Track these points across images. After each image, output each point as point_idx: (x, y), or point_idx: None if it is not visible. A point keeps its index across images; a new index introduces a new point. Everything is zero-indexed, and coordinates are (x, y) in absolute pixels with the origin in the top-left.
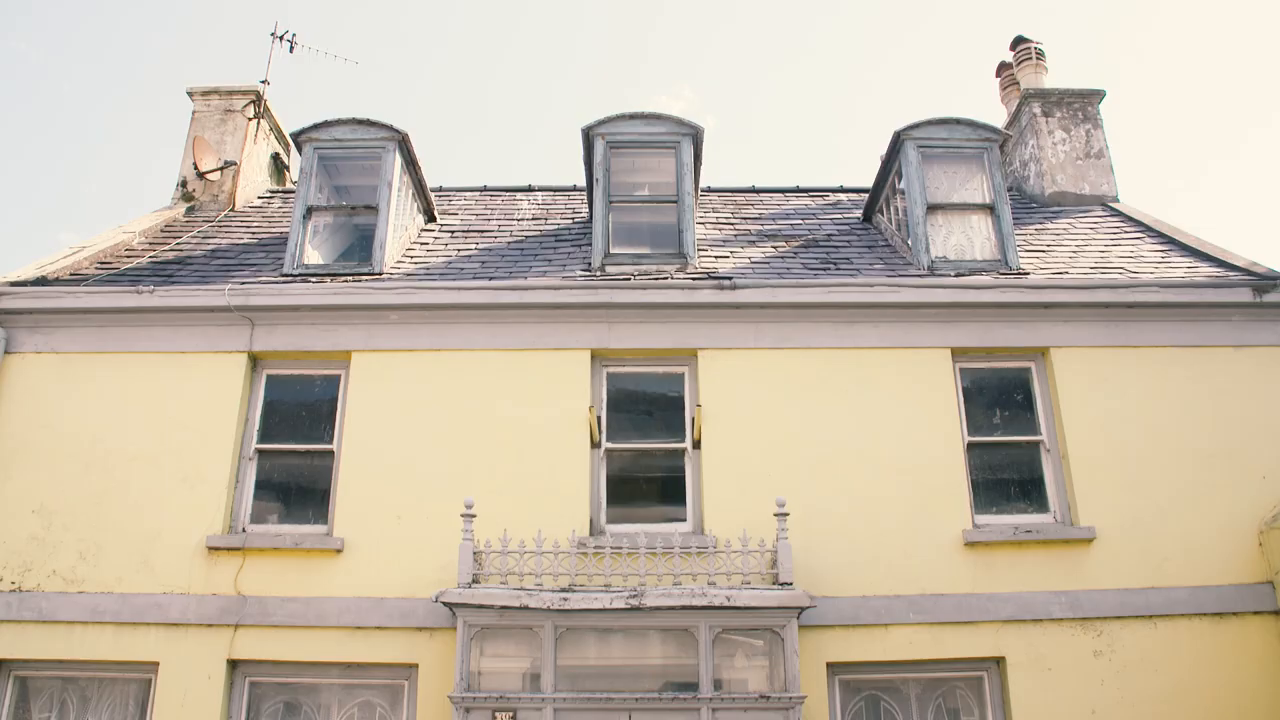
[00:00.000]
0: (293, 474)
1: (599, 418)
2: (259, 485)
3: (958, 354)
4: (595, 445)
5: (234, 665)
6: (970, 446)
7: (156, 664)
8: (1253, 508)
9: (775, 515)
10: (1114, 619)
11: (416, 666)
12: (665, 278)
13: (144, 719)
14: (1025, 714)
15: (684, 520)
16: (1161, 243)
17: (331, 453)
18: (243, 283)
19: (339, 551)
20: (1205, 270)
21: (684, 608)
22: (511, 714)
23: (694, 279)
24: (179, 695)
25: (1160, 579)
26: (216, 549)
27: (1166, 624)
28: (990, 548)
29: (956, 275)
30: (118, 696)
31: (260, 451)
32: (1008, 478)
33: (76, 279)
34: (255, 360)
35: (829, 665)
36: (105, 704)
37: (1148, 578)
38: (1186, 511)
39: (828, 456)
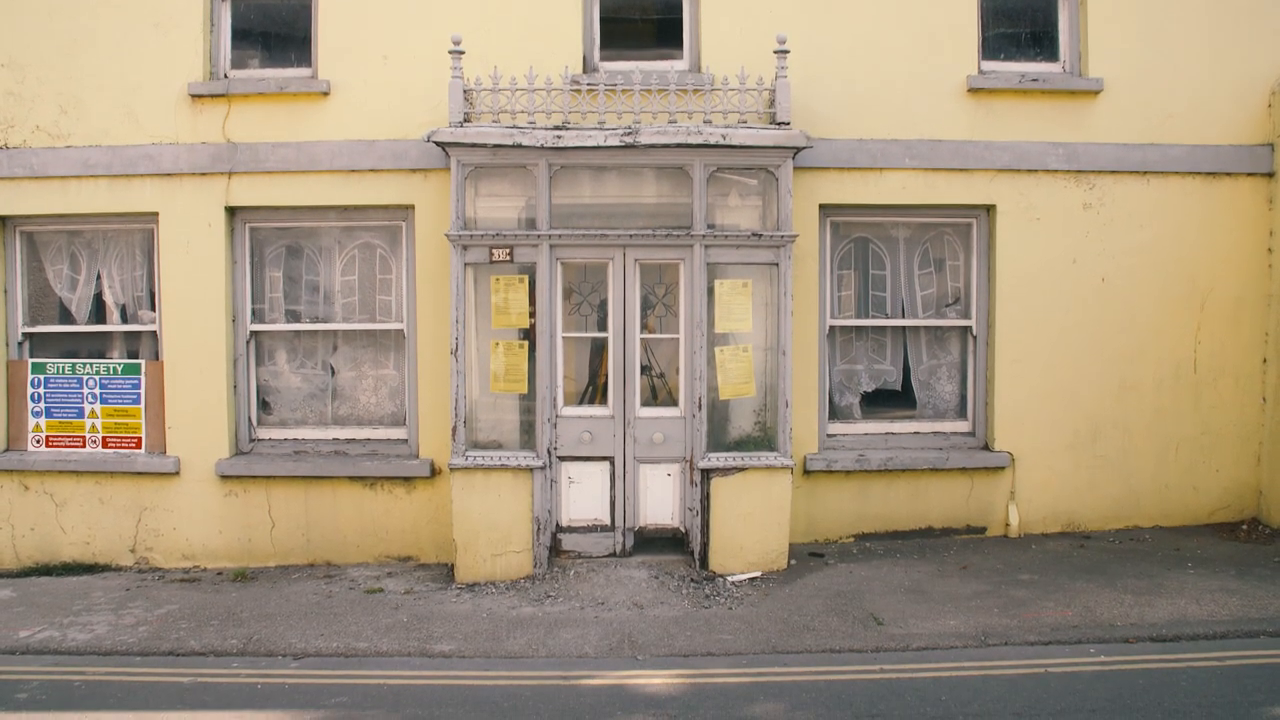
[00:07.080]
0: (270, 16)
1: None
2: (236, 30)
3: None
4: None
5: (232, 212)
6: None
7: (156, 214)
8: (1270, 67)
9: (775, 53)
10: (1108, 173)
11: (413, 208)
12: None
13: (151, 267)
14: (1009, 260)
15: (680, 58)
16: None
17: None
18: None
19: (325, 94)
20: None
21: (679, 145)
22: (508, 250)
23: None
24: (182, 243)
25: (1161, 136)
26: (199, 96)
27: (1159, 180)
28: (993, 95)
29: None
30: (124, 247)
31: None
32: (1020, 25)
33: None
34: None
35: (821, 207)
36: (113, 254)
37: (1149, 134)
38: (1200, 67)
39: None
